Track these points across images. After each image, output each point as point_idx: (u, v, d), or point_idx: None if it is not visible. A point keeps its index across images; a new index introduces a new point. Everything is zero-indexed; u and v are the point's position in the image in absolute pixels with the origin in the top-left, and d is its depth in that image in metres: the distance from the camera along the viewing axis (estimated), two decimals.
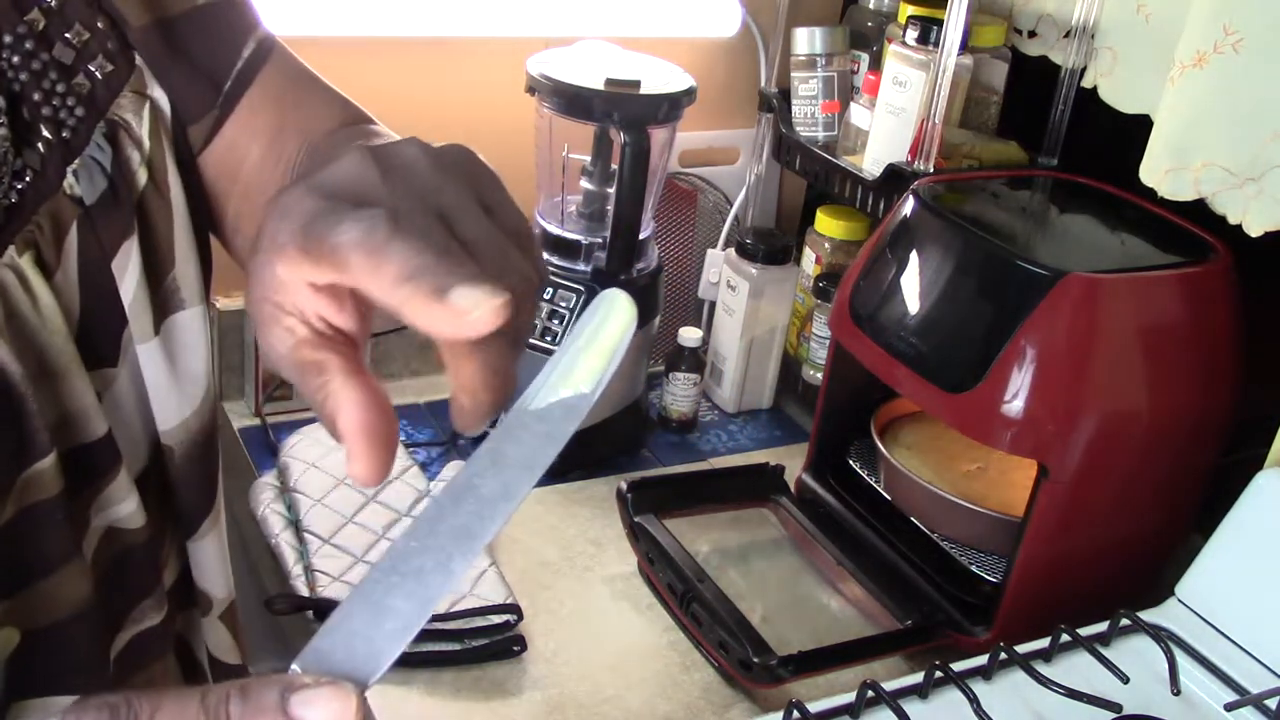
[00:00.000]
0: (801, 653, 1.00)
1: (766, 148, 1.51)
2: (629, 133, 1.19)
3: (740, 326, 1.45)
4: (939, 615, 1.06)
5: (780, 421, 1.50)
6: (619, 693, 1.02)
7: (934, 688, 0.86)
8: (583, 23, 1.39)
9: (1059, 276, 0.96)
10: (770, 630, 1.02)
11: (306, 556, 1.09)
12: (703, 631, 1.03)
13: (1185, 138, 1.05)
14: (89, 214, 0.55)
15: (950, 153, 1.25)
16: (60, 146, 0.54)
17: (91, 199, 0.55)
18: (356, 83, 1.34)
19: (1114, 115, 1.21)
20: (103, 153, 0.55)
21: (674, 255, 1.59)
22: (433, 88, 1.37)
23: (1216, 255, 1.04)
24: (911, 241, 1.10)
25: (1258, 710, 0.88)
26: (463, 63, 1.38)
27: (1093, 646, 0.89)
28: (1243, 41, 0.99)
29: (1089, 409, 0.97)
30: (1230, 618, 0.95)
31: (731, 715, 1.01)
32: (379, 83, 1.35)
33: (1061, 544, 1.02)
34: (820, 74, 1.38)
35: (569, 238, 1.29)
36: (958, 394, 1.00)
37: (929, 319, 1.05)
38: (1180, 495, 1.07)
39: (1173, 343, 1.01)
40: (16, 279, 0.51)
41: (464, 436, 1.35)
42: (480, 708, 0.98)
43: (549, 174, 1.33)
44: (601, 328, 0.50)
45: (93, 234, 0.55)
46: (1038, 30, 1.30)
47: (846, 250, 1.38)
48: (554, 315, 1.27)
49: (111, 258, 0.56)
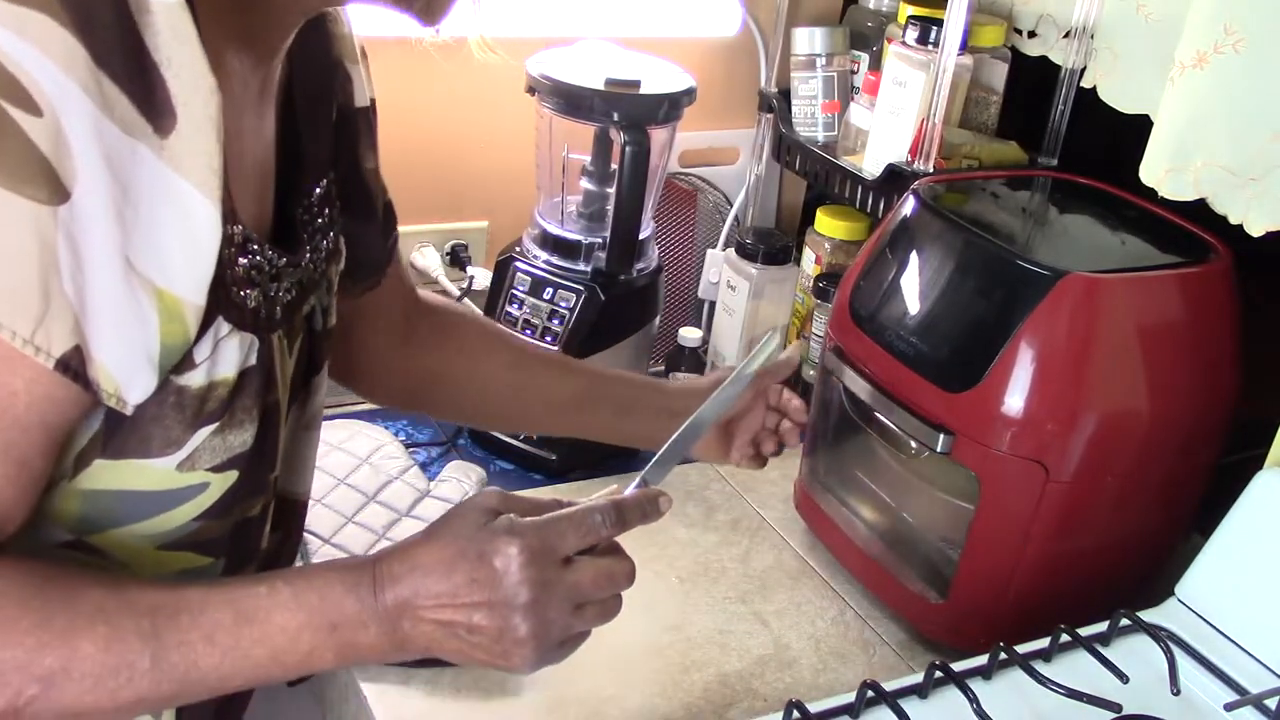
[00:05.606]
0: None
1: (766, 148, 1.51)
2: (629, 133, 1.19)
3: (740, 326, 1.45)
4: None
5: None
6: (619, 693, 1.02)
7: (934, 688, 0.86)
8: (583, 23, 1.39)
9: (1059, 276, 0.96)
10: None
11: (307, 556, 1.09)
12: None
13: (1185, 138, 1.05)
14: (311, 334, 0.78)
15: (950, 153, 1.25)
16: (310, 283, 0.76)
17: (317, 327, 0.79)
18: None
19: (1114, 115, 1.21)
20: (326, 297, 0.80)
21: (674, 255, 1.59)
22: (433, 88, 1.37)
23: (1216, 255, 1.04)
24: (911, 241, 1.10)
25: (1258, 710, 0.88)
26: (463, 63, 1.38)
27: (1093, 646, 0.89)
28: (1243, 41, 0.99)
29: (1089, 409, 0.98)
30: (1230, 618, 0.95)
31: (731, 715, 1.01)
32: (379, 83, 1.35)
33: (1061, 544, 1.02)
34: (820, 74, 1.38)
35: (569, 238, 1.29)
36: (958, 394, 1.00)
37: (929, 319, 1.05)
38: (1180, 495, 1.07)
39: (1173, 343, 1.01)
40: (279, 348, 0.71)
41: (462, 437, 1.36)
42: (480, 708, 0.98)
43: (549, 174, 1.33)
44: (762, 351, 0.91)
45: (308, 349, 0.78)
46: (1038, 30, 1.30)
47: (846, 250, 1.38)
48: (554, 315, 1.27)
49: (316, 373, 0.80)
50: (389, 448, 1.25)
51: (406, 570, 0.67)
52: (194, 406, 0.64)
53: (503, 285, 1.30)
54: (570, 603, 0.69)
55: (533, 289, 1.28)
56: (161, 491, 0.65)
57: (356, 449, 1.24)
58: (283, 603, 0.65)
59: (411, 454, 1.28)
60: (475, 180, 1.44)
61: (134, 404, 0.61)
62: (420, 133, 1.39)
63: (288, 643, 0.65)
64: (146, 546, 0.67)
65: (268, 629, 0.64)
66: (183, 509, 0.67)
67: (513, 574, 0.67)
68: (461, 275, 1.45)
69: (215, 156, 0.60)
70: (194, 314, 0.61)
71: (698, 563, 1.21)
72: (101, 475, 0.63)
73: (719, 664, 1.07)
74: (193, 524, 0.68)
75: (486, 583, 0.66)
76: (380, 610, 0.66)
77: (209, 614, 0.63)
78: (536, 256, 1.30)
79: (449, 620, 0.67)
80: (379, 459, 1.23)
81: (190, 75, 0.58)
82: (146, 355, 0.60)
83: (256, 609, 0.64)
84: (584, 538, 0.71)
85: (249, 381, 0.67)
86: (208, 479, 0.66)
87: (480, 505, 0.70)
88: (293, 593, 0.65)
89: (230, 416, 0.66)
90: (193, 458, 0.65)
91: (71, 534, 0.65)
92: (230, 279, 0.64)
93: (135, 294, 0.58)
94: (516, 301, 1.29)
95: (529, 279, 1.29)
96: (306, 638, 0.65)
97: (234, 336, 0.65)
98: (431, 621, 0.67)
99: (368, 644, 0.66)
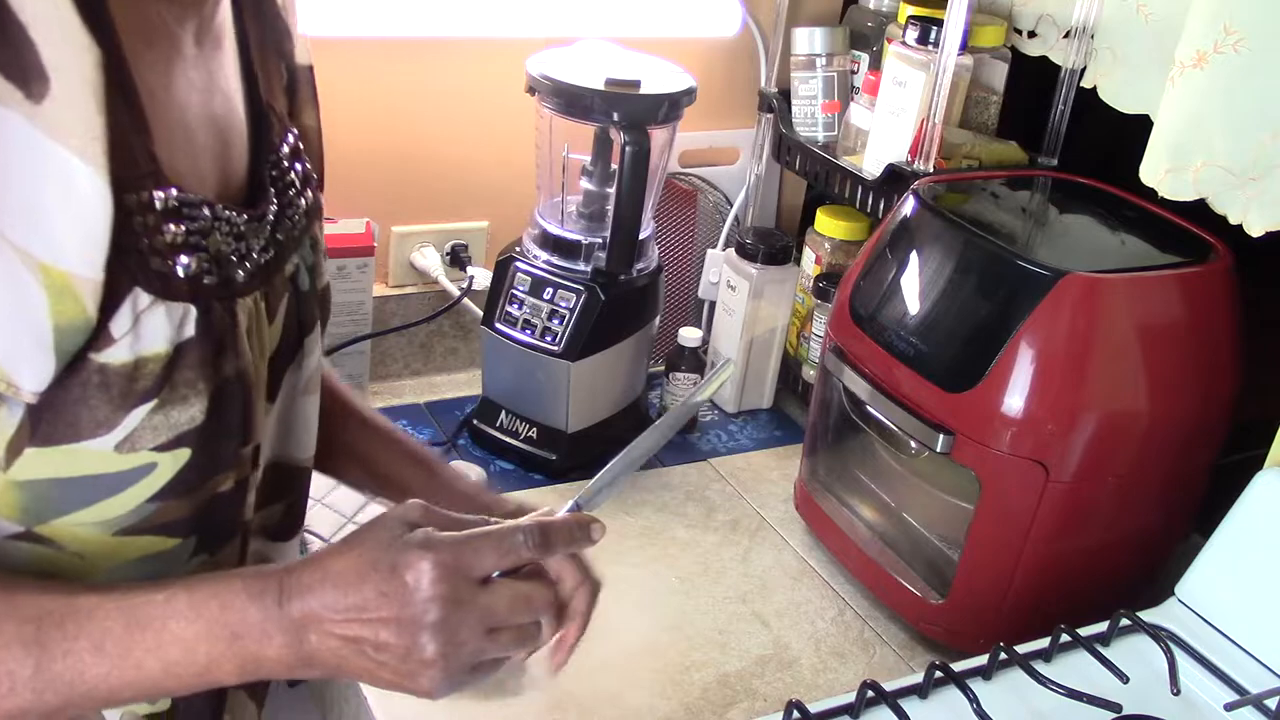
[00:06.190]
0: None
1: (766, 148, 1.51)
2: (629, 133, 1.19)
3: (740, 326, 1.45)
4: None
5: (780, 421, 1.50)
6: (619, 693, 1.02)
7: (934, 688, 0.86)
8: (583, 23, 1.39)
9: (1059, 276, 0.96)
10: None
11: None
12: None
13: (1185, 138, 1.05)
14: (297, 294, 0.75)
15: (950, 153, 1.25)
16: (290, 241, 0.73)
17: (303, 286, 0.76)
18: (358, 83, 1.35)
19: (1114, 115, 1.21)
20: (309, 255, 0.77)
21: (674, 255, 1.59)
22: (433, 88, 1.38)
23: (1216, 255, 1.04)
24: (911, 241, 1.10)
25: (1258, 710, 0.88)
26: (463, 63, 1.38)
27: (1093, 646, 0.89)
28: (1243, 41, 0.99)
29: (1089, 409, 0.97)
30: (1230, 618, 0.94)
31: (731, 715, 1.01)
32: (380, 83, 1.35)
33: (1061, 544, 1.02)
34: (820, 74, 1.38)
35: (569, 238, 1.29)
36: (958, 394, 1.00)
37: (929, 319, 1.05)
38: (1180, 495, 1.07)
39: (1173, 343, 1.01)
40: (255, 312, 0.69)
41: (462, 436, 1.36)
42: (480, 708, 0.98)
43: (549, 174, 1.33)
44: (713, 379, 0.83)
45: (296, 309, 0.75)
46: (1038, 30, 1.30)
47: (846, 250, 1.38)
48: (554, 315, 1.27)
49: (308, 333, 0.77)
50: None
51: (317, 580, 0.63)
52: (121, 385, 0.60)
53: (503, 285, 1.30)
54: (483, 625, 0.65)
55: (533, 289, 1.28)
56: (103, 475, 0.62)
57: None
58: (179, 610, 0.61)
59: None
60: (475, 180, 1.44)
61: (33, 390, 0.58)
62: (420, 133, 1.39)
63: (183, 654, 0.61)
64: (100, 534, 0.64)
65: (162, 638, 0.60)
66: (131, 492, 0.63)
67: (423, 590, 0.62)
68: (461, 275, 1.45)
69: (97, 121, 0.56)
70: (91, 290, 0.57)
71: (698, 563, 1.21)
72: (36, 464, 0.60)
73: (719, 664, 1.07)
74: (148, 506, 0.64)
75: (395, 597, 0.62)
76: (286, 621, 0.62)
77: (98, 621, 0.60)
78: (536, 256, 1.30)
79: (356, 636, 0.63)
80: None
81: (62, 34, 0.55)
82: (34, 337, 0.56)
83: (151, 617, 0.61)
84: (503, 558, 0.66)
85: (188, 354, 0.63)
86: (154, 459, 0.63)
87: (399, 516, 0.66)
88: (191, 600, 0.61)
89: (170, 392, 0.62)
90: (132, 438, 0.62)
91: (19, 525, 0.63)
92: (150, 248, 0.60)
93: (13, 271, 0.55)
94: (516, 301, 1.29)
95: (529, 279, 1.29)
96: (204, 649, 0.61)
97: (159, 308, 0.61)
98: (339, 637, 0.63)
99: (272, 657, 0.62)
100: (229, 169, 0.70)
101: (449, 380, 1.49)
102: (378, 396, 1.42)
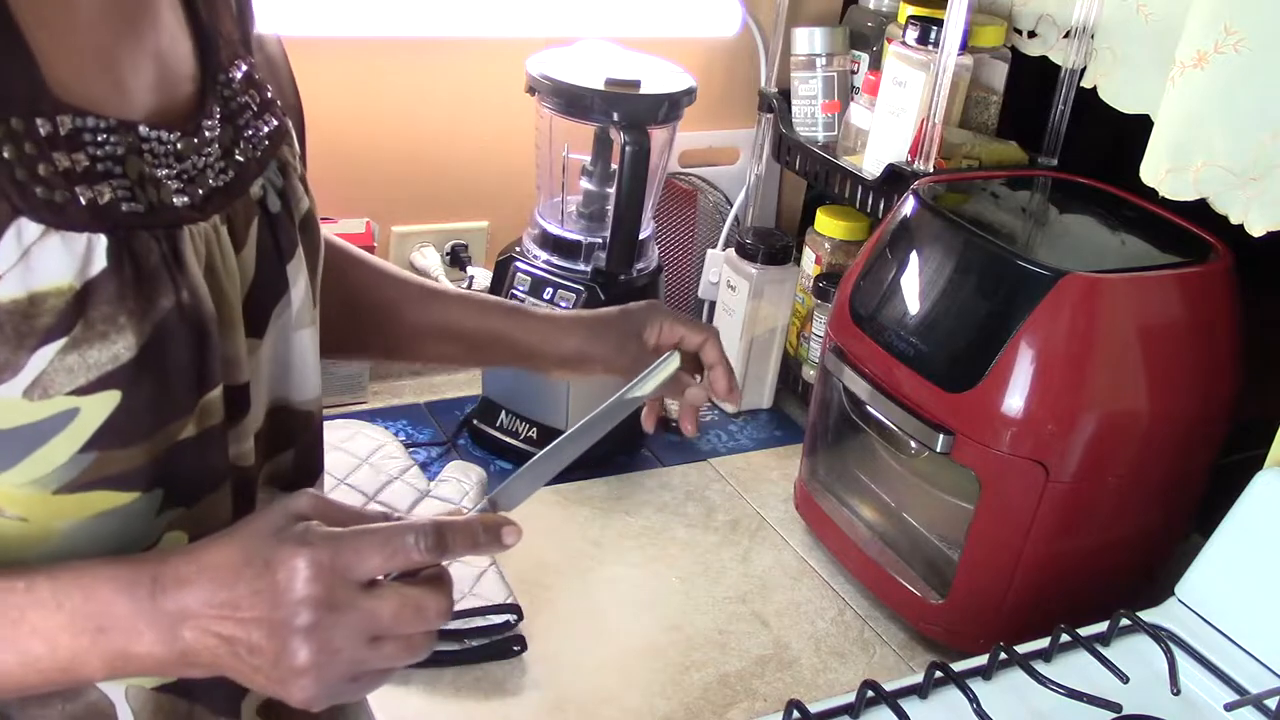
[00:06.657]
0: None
1: (766, 148, 1.51)
2: (629, 133, 1.19)
3: (740, 326, 1.45)
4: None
5: (780, 421, 1.50)
6: (619, 693, 1.02)
7: (934, 688, 0.86)
8: (583, 23, 1.39)
9: (1059, 276, 0.96)
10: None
11: None
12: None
13: (1185, 137, 1.05)
14: (269, 218, 0.70)
15: (950, 153, 1.25)
16: (252, 163, 0.69)
17: (274, 209, 0.70)
18: (358, 83, 1.35)
19: (1114, 115, 1.21)
20: (278, 178, 0.71)
21: (674, 255, 1.59)
22: (433, 88, 1.38)
23: (1216, 255, 1.04)
24: (911, 241, 1.10)
25: (1258, 710, 0.88)
26: (463, 63, 1.38)
27: (1093, 646, 0.89)
28: (1243, 41, 0.99)
29: (1089, 409, 0.97)
30: (1230, 618, 0.94)
31: (731, 715, 1.01)
32: (381, 83, 1.35)
33: (1061, 544, 1.02)
34: (820, 74, 1.38)
35: (569, 238, 1.29)
36: (958, 394, 1.00)
37: (929, 319, 1.05)
38: (1180, 495, 1.07)
39: (1173, 343, 1.01)
40: (215, 239, 0.64)
41: (462, 437, 1.36)
42: (480, 708, 0.98)
43: (549, 174, 1.33)
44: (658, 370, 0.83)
45: (270, 235, 0.70)
46: (1038, 30, 1.30)
47: (846, 250, 1.38)
48: None
49: (288, 260, 0.71)
50: (389, 448, 1.25)
51: (193, 572, 0.58)
52: (14, 323, 0.55)
53: (503, 285, 1.30)
54: (364, 633, 0.58)
55: (533, 289, 1.28)
56: (17, 428, 0.57)
57: (357, 449, 1.24)
58: (40, 600, 0.56)
59: (411, 454, 1.28)
60: (475, 180, 1.44)
61: None
62: (420, 133, 1.39)
63: (43, 647, 0.56)
64: (39, 493, 0.60)
65: (19, 630, 0.56)
66: (55, 443, 0.58)
67: (295, 590, 0.57)
68: (461, 275, 1.45)
69: None
70: None
71: (698, 563, 1.21)
72: None
73: (719, 664, 1.07)
74: (83, 458, 0.59)
75: (267, 596, 0.57)
76: (158, 615, 0.57)
77: None
78: (536, 256, 1.30)
79: (230, 635, 0.58)
80: (379, 459, 1.23)
81: None
82: None
83: (8, 606, 0.56)
84: (390, 559, 0.59)
85: (101, 287, 0.58)
86: (74, 404, 0.58)
87: (287, 507, 0.60)
88: (53, 589, 0.57)
89: (86, 329, 0.57)
90: (41, 382, 0.56)
91: None
92: (38, 176, 0.56)
93: None
94: (516, 301, 1.29)
95: (529, 279, 1.29)
96: (66, 642, 0.56)
97: (52, 238, 0.56)
98: (215, 635, 0.58)
99: (142, 653, 0.58)
100: (171, 94, 0.66)
101: (449, 380, 1.49)
102: (378, 397, 1.42)
